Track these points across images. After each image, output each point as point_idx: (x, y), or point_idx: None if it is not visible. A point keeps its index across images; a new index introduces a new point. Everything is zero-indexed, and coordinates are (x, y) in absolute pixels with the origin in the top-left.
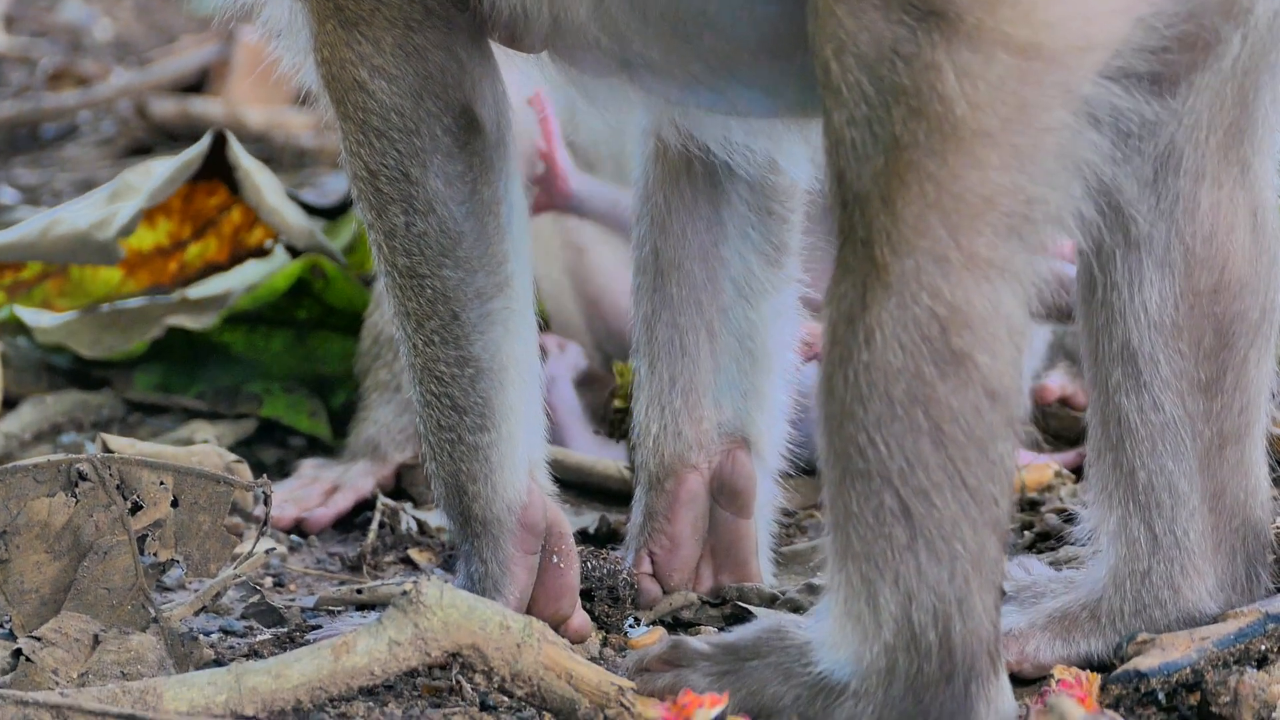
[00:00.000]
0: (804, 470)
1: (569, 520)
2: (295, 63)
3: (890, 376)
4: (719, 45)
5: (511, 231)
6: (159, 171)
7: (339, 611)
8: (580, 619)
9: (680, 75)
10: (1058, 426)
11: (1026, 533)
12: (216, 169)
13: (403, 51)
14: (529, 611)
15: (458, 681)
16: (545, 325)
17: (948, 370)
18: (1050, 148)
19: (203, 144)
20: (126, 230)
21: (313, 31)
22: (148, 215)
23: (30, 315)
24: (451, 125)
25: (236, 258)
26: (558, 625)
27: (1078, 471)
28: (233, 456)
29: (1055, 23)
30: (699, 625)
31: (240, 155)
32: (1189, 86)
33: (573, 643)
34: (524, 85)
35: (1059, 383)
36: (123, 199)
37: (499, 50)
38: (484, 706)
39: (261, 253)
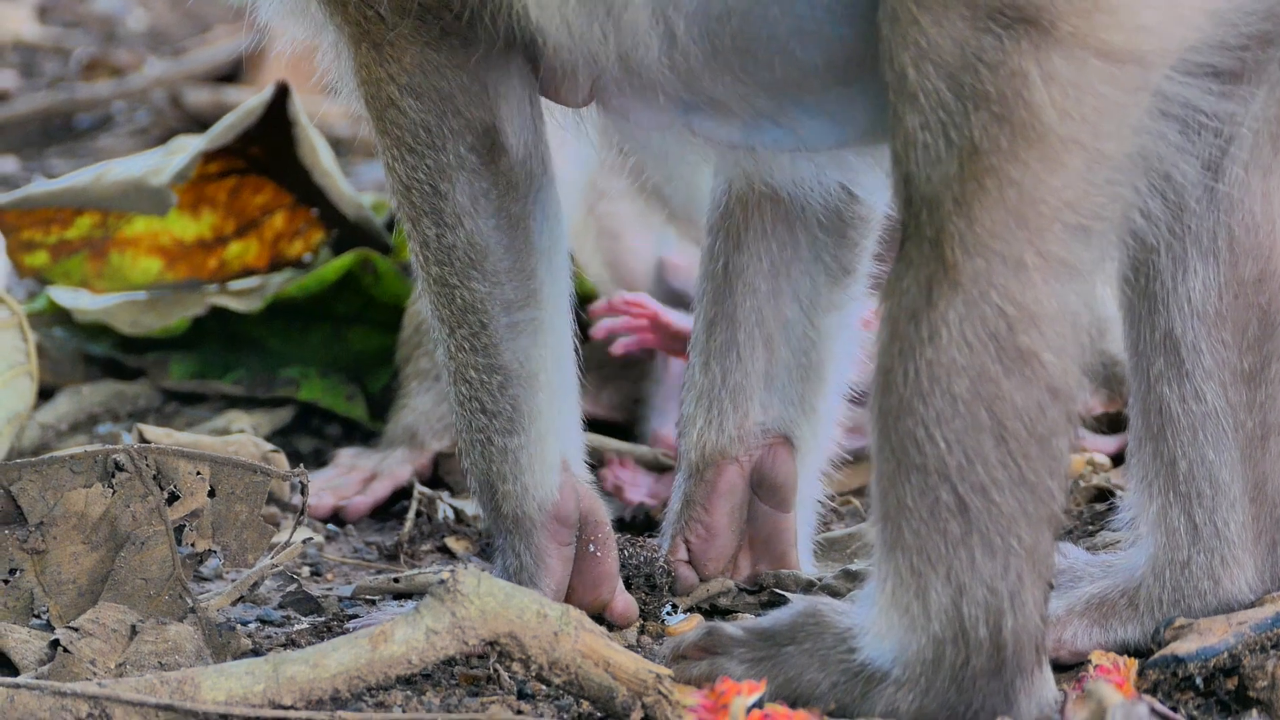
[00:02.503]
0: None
1: (606, 507)
2: (343, 89)
3: (954, 373)
4: (788, 73)
5: (541, 244)
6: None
7: (376, 600)
8: (623, 602)
9: (745, 112)
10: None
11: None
12: (270, 137)
13: (423, 70)
14: (568, 600)
15: (495, 670)
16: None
17: (1013, 368)
18: (1131, 148)
19: (265, 93)
20: (182, 175)
21: (352, 56)
22: (191, 205)
23: (69, 297)
24: (475, 143)
25: (275, 266)
26: (598, 612)
27: (1114, 459)
28: (269, 446)
29: (1151, 27)
30: (736, 612)
31: (300, 112)
32: (1250, 80)
33: (619, 626)
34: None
35: None
36: (178, 155)
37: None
38: (521, 695)
39: (300, 265)
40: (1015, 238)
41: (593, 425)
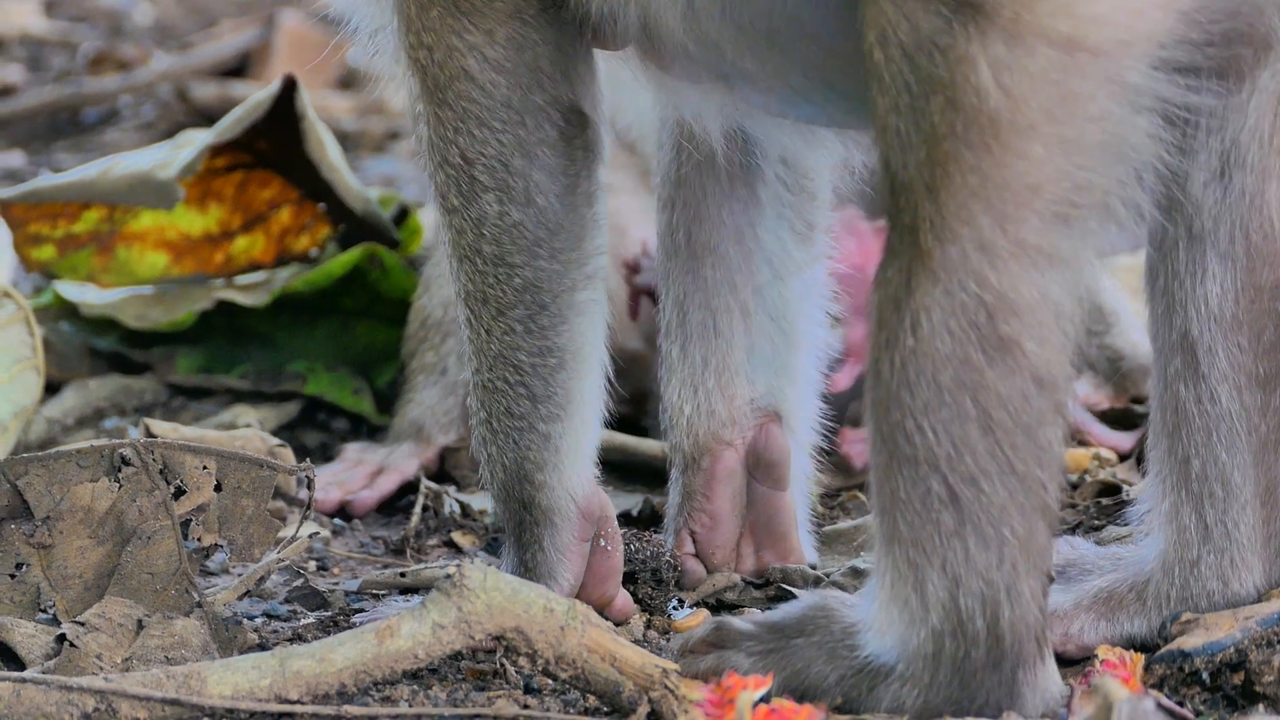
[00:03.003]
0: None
1: (613, 500)
2: (373, 44)
3: (938, 363)
4: (815, 56)
5: (602, 224)
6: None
7: (383, 595)
8: (623, 599)
9: (780, 87)
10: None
11: (1067, 512)
12: (277, 131)
13: (515, 45)
14: (576, 595)
15: (502, 664)
16: None
17: (995, 357)
18: (1098, 137)
19: (273, 87)
20: (190, 168)
21: (407, 16)
22: (198, 200)
23: (75, 291)
24: (559, 119)
25: (281, 261)
26: (603, 607)
27: (1123, 456)
28: (276, 441)
29: (1098, 17)
30: (743, 606)
31: (307, 106)
32: (1253, 83)
33: (616, 623)
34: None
35: (1083, 392)
36: (185, 149)
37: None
38: (528, 689)
39: (306, 260)
40: (983, 223)
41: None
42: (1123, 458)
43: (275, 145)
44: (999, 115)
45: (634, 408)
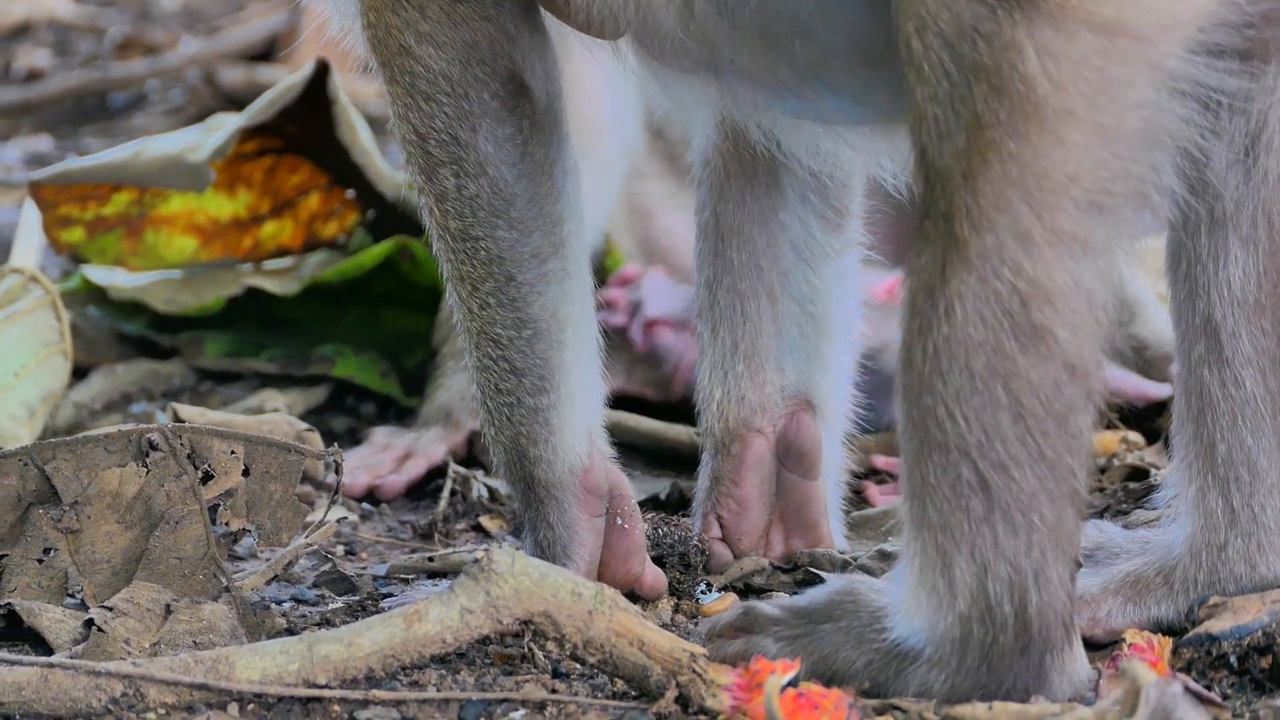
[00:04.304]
0: (871, 432)
1: (641, 485)
2: (344, 27)
3: (970, 350)
4: (809, 52)
5: (566, 192)
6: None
7: (411, 580)
8: (652, 575)
9: (770, 82)
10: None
11: (1094, 496)
12: (309, 115)
13: (448, 19)
14: (599, 575)
15: (530, 649)
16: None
17: (1028, 345)
18: (1135, 124)
19: (305, 70)
20: (221, 151)
21: None
22: (227, 184)
23: (103, 275)
24: (499, 90)
25: (309, 247)
26: (629, 585)
27: (1150, 436)
28: (304, 425)
29: (1145, 2)
30: (771, 591)
31: (339, 90)
32: (1267, 60)
33: (648, 599)
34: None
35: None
36: (216, 132)
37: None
38: (556, 674)
39: (334, 246)
40: (1020, 211)
41: (626, 403)
42: (1150, 440)
43: (306, 129)
44: (1044, 102)
45: (659, 392)
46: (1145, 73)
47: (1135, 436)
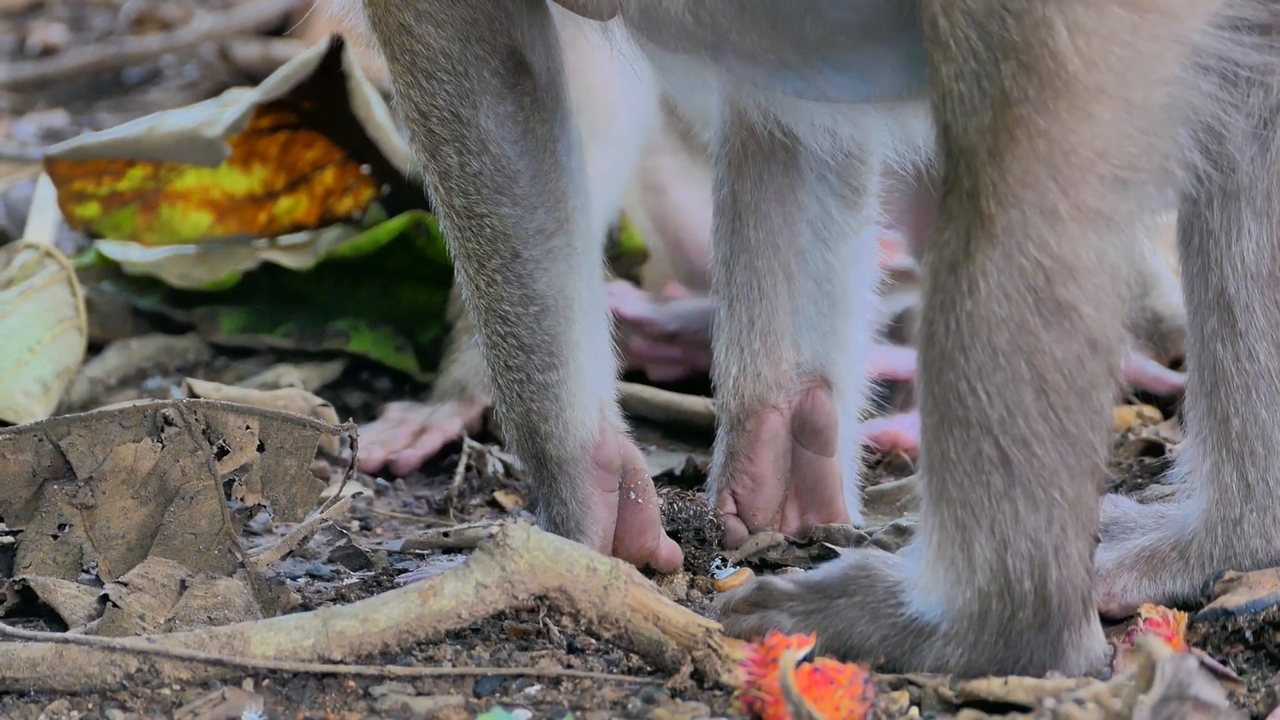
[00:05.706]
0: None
1: (656, 459)
2: (346, 4)
3: (994, 326)
4: (818, 31)
5: (570, 168)
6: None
7: (426, 555)
8: (668, 548)
9: (771, 61)
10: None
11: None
12: (323, 90)
13: None
14: (614, 550)
15: (545, 624)
16: (645, 258)
17: (1052, 321)
18: (1162, 99)
19: (320, 45)
20: (236, 126)
21: None
22: (242, 160)
23: (118, 250)
24: (499, 67)
25: (324, 222)
26: (644, 560)
27: (1166, 411)
28: (319, 400)
29: None
30: (786, 566)
31: (354, 65)
32: None
33: (664, 572)
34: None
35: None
36: (231, 107)
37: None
38: (571, 649)
39: (349, 221)
40: (1047, 187)
41: (644, 378)
42: (1166, 415)
43: (321, 104)
44: (1075, 79)
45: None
46: (1173, 48)
47: (1151, 411)
